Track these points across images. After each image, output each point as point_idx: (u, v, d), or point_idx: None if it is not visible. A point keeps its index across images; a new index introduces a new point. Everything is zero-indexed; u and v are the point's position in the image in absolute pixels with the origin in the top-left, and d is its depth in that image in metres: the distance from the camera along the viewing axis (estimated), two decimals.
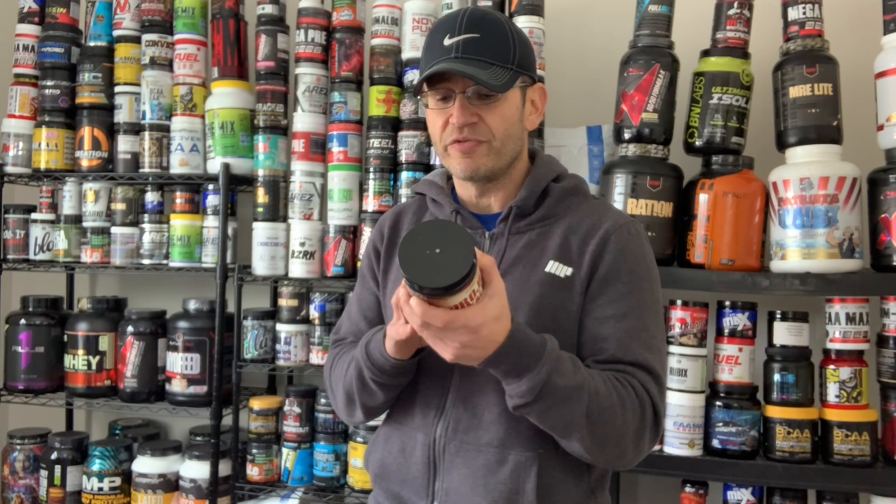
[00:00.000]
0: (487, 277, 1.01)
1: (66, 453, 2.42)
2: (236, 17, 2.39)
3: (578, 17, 2.42)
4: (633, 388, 1.14)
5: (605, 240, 1.21)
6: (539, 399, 1.06)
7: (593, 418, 1.08)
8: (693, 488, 1.99)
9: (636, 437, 1.14)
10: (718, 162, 2.00)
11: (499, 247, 1.25)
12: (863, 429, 1.87)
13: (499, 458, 1.17)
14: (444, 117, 1.20)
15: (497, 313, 1.00)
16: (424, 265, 0.94)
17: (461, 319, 0.97)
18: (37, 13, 2.56)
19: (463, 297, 0.96)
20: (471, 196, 1.30)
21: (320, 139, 2.29)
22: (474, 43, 1.17)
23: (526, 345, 1.05)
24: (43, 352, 2.45)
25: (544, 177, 1.28)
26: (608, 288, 1.19)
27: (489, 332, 1.00)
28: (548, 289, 1.20)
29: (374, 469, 1.30)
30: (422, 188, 1.37)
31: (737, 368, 1.96)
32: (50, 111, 2.50)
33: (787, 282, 1.89)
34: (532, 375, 1.05)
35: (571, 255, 1.21)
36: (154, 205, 2.45)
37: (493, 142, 1.20)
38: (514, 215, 1.25)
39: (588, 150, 2.29)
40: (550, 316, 1.18)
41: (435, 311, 0.97)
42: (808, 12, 1.96)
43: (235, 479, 2.29)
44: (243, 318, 2.31)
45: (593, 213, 1.26)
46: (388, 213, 1.42)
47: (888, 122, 1.89)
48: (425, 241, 0.95)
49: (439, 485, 1.20)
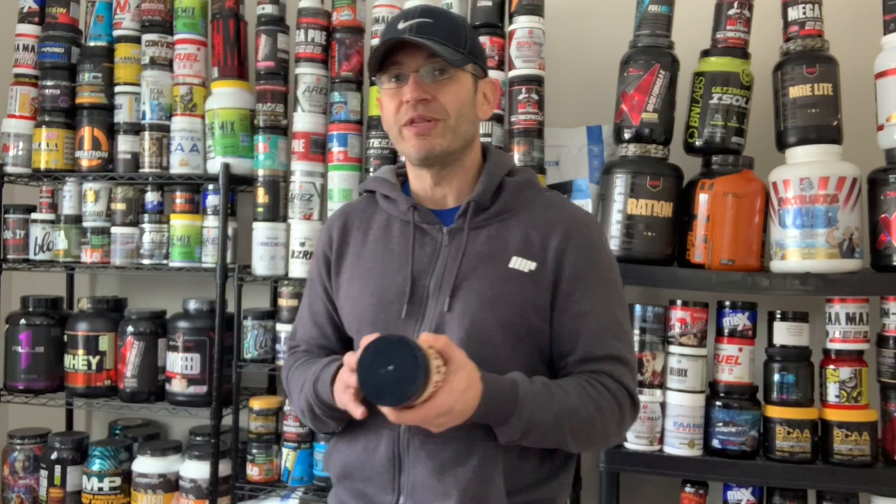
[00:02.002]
0: (447, 355, 1.06)
1: (66, 453, 2.42)
2: (236, 17, 2.39)
3: (578, 18, 2.42)
4: (607, 388, 1.20)
5: (567, 236, 1.24)
6: (525, 435, 1.14)
7: (577, 433, 1.17)
8: (693, 488, 1.99)
9: (618, 428, 1.23)
10: (718, 162, 2.00)
11: (459, 242, 1.25)
12: (863, 429, 1.87)
13: (465, 450, 1.18)
14: (397, 99, 1.22)
15: (464, 385, 1.06)
16: (381, 385, 1.01)
17: (433, 409, 1.04)
18: (37, 13, 2.56)
19: (428, 392, 1.02)
20: (425, 188, 1.30)
21: (320, 139, 2.29)
22: (427, 25, 1.20)
23: (500, 398, 1.11)
24: (43, 352, 2.45)
25: (498, 171, 1.29)
26: (579, 284, 1.23)
27: (462, 406, 1.06)
28: (514, 285, 1.21)
29: (336, 469, 1.30)
30: (372, 185, 1.37)
31: (737, 368, 1.96)
32: (50, 111, 2.50)
33: (787, 282, 1.89)
34: (514, 420, 1.12)
35: (534, 249, 1.23)
36: (154, 205, 2.45)
37: (447, 120, 1.21)
38: (472, 210, 1.25)
39: (588, 150, 2.29)
40: (518, 312, 1.21)
41: (408, 414, 1.04)
42: (808, 12, 1.96)
43: (235, 479, 2.29)
44: (243, 318, 2.31)
45: (550, 206, 1.29)
46: (334, 215, 1.40)
47: (888, 122, 1.89)
48: (376, 361, 1.01)
49: (405, 479, 1.21)
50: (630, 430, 1.98)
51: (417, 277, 1.24)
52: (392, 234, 1.30)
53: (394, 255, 1.27)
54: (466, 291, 1.21)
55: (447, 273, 1.23)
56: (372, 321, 1.25)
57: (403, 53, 1.20)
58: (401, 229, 1.29)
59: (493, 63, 2.18)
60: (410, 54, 1.20)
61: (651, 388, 1.98)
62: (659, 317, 2.00)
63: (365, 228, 1.33)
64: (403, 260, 1.26)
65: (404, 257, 1.26)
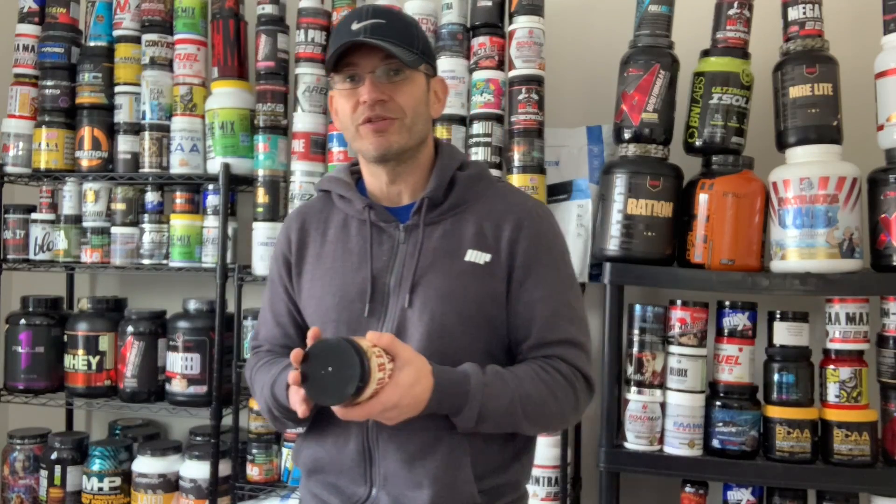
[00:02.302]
0: (393, 352, 1.09)
1: (66, 453, 2.42)
2: (236, 17, 2.39)
3: (578, 17, 2.42)
4: (560, 371, 1.24)
5: (518, 226, 1.27)
6: (480, 422, 1.17)
7: (531, 417, 1.20)
8: (693, 488, 1.99)
9: (573, 410, 1.26)
10: (718, 162, 2.00)
11: (415, 238, 1.27)
12: (863, 429, 1.87)
13: (433, 440, 1.22)
14: (353, 99, 1.24)
15: (412, 380, 1.09)
16: (323, 386, 1.05)
17: (378, 405, 1.07)
18: (37, 13, 2.56)
19: (372, 389, 1.06)
20: (381, 185, 1.32)
21: (320, 139, 2.29)
22: (381, 26, 1.22)
23: (452, 390, 1.14)
24: (43, 352, 2.45)
25: (450, 166, 1.31)
26: (531, 272, 1.26)
27: (411, 400, 1.10)
28: (471, 277, 1.25)
29: (307, 464, 1.32)
30: (326, 185, 1.39)
31: (737, 368, 1.96)
32: (50, 111, 2.50)
33: (787, 282, 1.89)
34: (467, 410, 1.15)
35: (488, 241, 1.27)
36: (154, 205, 2.45)
37: (404, 119, 1.24)
38: (426, 206, 1.28)
39: (588, 150, 2.30)
40: (475, 303, 1.24)
41: (353, 411, 1.07)
42: (808, 12, 1.96)
43: (235, 479, 2.29)
44: (243, 318, 2.31)
45: (502, 198, 1.32)
46: (291, 216, 1.42)
47: (888, 122, 1.89)
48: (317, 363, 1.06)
49: (376, 470, 1.24)
50: (630, 431, 1.98)
51: (378, 276, 1.27)
52: (350, 233, 1.32)
53: (353, 255, 1.30)
54: (425, 287, 1.24)
55: (406, 270, 1.26)
56: (336, 319, 1.28)
57: (359, 55, 1.22)
58: (358, 228, 1.32)
59: (492, 63, 2.18)
60: (366, 55, 1.22)
61: (651, 388, 1.98)
62: (659, 317, 2.00)
63: (323, 229, 1.36)
64: (363, 259, 1.29)
65: (363, 256, 1.29)
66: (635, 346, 2.00)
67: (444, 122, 2.19)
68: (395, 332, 1.23)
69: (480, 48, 2.19)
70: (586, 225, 2.13)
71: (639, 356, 1.99)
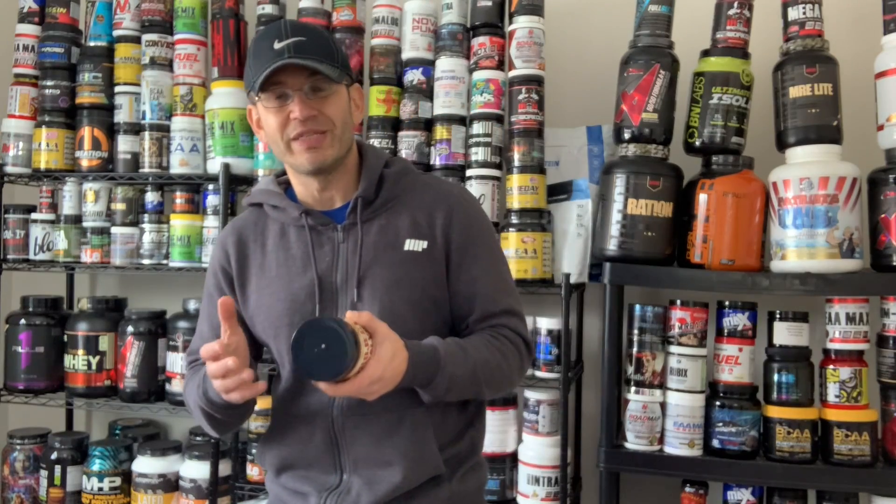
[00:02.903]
0: (370, 328, 1.14)
1: (66, 453, 2.42)
2: (236, 17, 2.39)
3: (578, 18, 2.42)
4: (507, 338, 1.33)
5: (450, 212, 1.35)
6: (448, 392, 1.25)
7: (489, 381, 1.29)
8: (693, 488, 1.99)
9: (519, 371, 1.37)
10: (718, 162, 2.00)
11: (354, 237, 1.33)
12: (863, 429, 1.87)
13: (397, 420, 1.29)
14: (281, 115, 1.27)
15: (391, 354, 1.14)
16: (316, 363, 1.09)
17: (366, 379, 1.12)
18: (37, 13, 2.56)
19: (359, 364, 1.11)
20: (312, 193, 1.36)
21: None
22: (303, 44, 1.25)
23: (424, 361, 1.21)
24: (43, 352, 2.45)
25: (377, 165, 1.37)
26: (466, 253, 1.35)
27: (391, 373, 1.15)
28: (411, 265, 1.32)
29: (274, 464, 1.36)
30: (258, 198, 1.41)
31: (737, 368, 1.96)
32: (50, 111, 2.50)
33: (787, 282, 1.89)
34: (438, 380, 1.22)
35: (423, 229, 1.34)
36: (154, 205, 2.45)
37: (334, 130, 1.29)
38: (361, 205, 1.33)
39: (588, 150, 2.30)
40: (420, 288, 1.31)
41: (343, 387, 1.12)
42: (808, 12, 1.96)
43: (235, 479, 2.29)
44: None
45: (429, 189, 1.40)
46: (224, 232, 1.44)
47: (888, 122, 1.89)
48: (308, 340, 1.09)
49: (345, 457, 1.30)
50: (630, 431, 1.98)
51: (323, 276, 1.32)
52: (290, 240, 1.36)
53: (296, 259, 1.34)
54: (371, 279, 1.30)
55: (350, 266, 1.32)
56: (289, 324, 1.31)
57: (285, 73, 1.25)
58: (297, 234, 1.36)
59: (492, 63, 2.18)
60: (292, 74, 1.25)
61: (651, 388, 1.98)
62: (659, 317, 2.01)
63: (262, 241, 1.39)
64: (306, 262, 1.33)
65: (306, 259, 1.34)
66: (635, 346, 2.01)
67: (444, 123, 2.19)
68: None
69: (480, 48, 2.19)
70: (586, 225, 2.13)
71: (639, 356, 1.99)
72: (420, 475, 1.28)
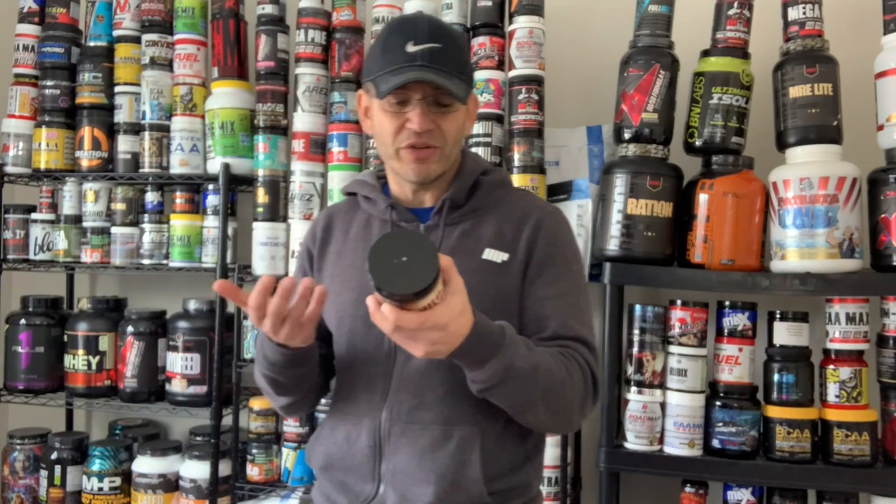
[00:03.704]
0: (447, 276, 1.06)
1: (66, 453, 2.42)
2: (236, 17, 2.39)
3: (578, 17, 2.42)
4: (577, 362, 1.23)
5: (537, 227, 1.31)
6: (502, 382, 1.13)
7: (548, 394, 1.17)
8: (693, 488, 1.99)
9: (581, 406, 1.24)
10: (718, 162, 2.00)
11: (434, 237, 1.31)
12: (863, 429, 1.87)
13: (444, 435, 1.23)
14: (398, 121, 1.25)
15: (461, 308, 1.06)
16: (394, 273, 0.99)
17: (431, 319, 1.02)
18: (37, 13, 2.56)
19: (431, 298, 1.02)
20: (405, 192, 1.36)
21: (320, 139, 2.29)
22: (438, 53, 1.21)
23: (488, 334, 1.11)
24: (43, 352, 2.45)
25: (473, 171, 1.35)
26: (545, 271, 1.29)
27: (456, 327, 1.05)
28: (486, 275, 1.27)
29: (318, 461, 1.34)
30: (353, 188, 1.42)
31: (737, 368, 1.96)
32: (50, 111, 2.50)
33: (787, 282, 1.89)
34: (495, 362, 1.11)
35: (506, 241, 1.30)
36: (154, 205, 2.45)
37: (444, 148, 1.27)
38: (447, 207, 1.32)
39: (588, 150, 2.30)
40: (490, 299, 1.24)
41: (407, 315, 1.02)
42: (808, 12, 1.96)
43: (235, 479, 2.29)
44: (243, 318, 2.31)
45: (521, 201, 1.37)
46: (320, 215, 1.47)
47: (888, 122, 1.89)
48: (391, 251, 1.00)
49: (385, 467, 1.24)
50: (630, 431, 1.98)
51: None
52: (372, 232, 1.35)
53: None
54: None
55: None
56: (352, 314, 1.30)
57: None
58: (380, 228, 1.35)
59: (492, 63, 2.18)
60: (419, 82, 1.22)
61: (651, 388, 1.98)
62: (659, 317, 2.00)
63: (346, 227, 1.39)
64: None
65: None
66: (635, 346, 2.01)
67: None
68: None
69: (480, 48, 2.19)
70: (586, 225, 2.14)
71: (639, 356, 1.99)
72: (455, 500, 1.21)
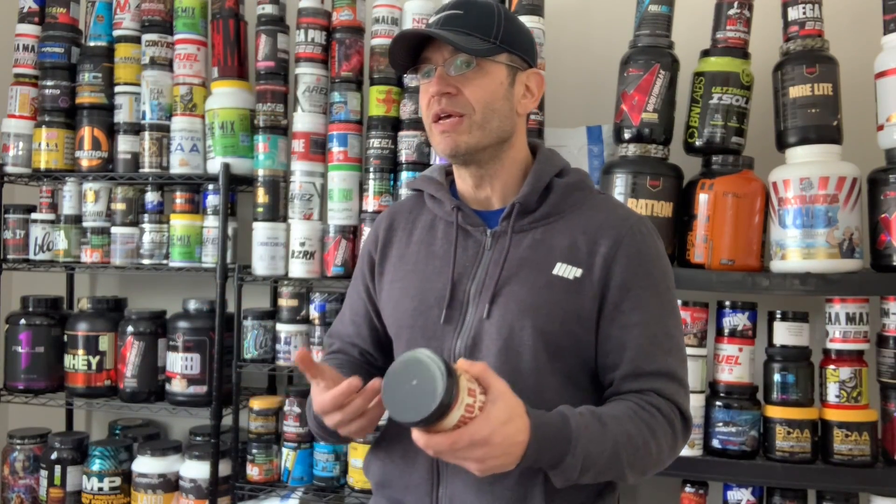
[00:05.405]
0: (485, 383, 0.97)
1: (66, 453, 2.42)
2: (236, 17, 2.39)
3: (578, 17, 2.42)
4: (659, 409, 1.13)
5: (617, 242, 1.18)
6: (583, 473, 1.05)
7: (634, 462, 1.09)
8: (693, 488, 1.99)
9: (671, 452, 1.15)
10: (718, 162, 2.00)
11: (502, 246, 1.20)
12: (863, 429, 1.87)
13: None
14: (427, 94, 1.19)
15: (505, 417, 0.96)
16: (404, 401, 0.93)
17: (465, 437, 0.94)
18: (37, 13, 2.56)
19: (458, 415, 0.94)
20: (468, 188, 1.26)
21: (320, 139, 2.29)
22: (455, 17, 1.16)
23: (552, 435, 1.01)
24: (43, 352, 2.45)
25: (547, 171, 1.23)
26: (629, 294, 1.16)
27: (503, 439, 0.96)
28: (556, 293, 1.16)
29: (375, 477, 1.28)
30: (419, 184, 1.33)
31: (737, 368, 1.96)
32: (50, 111, 2.50)
33: (787, 282, 1.89)
34: (569, 460, 1.02)
35: (580, 255, 1.18)
36: (154, 205, 2.45)
37: (472, 115, 1.16)
38: (516, 212, 1.21)
39: (588, 150, 2.29)
40: (559, 321, 1.15)
41: (436, 438, 0.94)
42: (808, 12, 1.95)
43: (235, 479, 2.29)
44: (243, 318, 2.31)
45: (601, 210, 1.23)
46: (384, 213, 1.37)
47: (888, 122, 1.89)
48: (403, 375, 0.94)
49: (443, 491, 1.17)
50: None
51: (458, 281, 1.20)
52: (436, 235, 1.27)
53: (436, 258, 1.24)
54: (506, 298, 1.16)
55: (488, 278, 1.18)
56: (410, 325, 1.23)
57: (432, 48, 1.17)
58: (444, 231, 1.26)
59: None
60: (437, 48, 1.17)
61: None
62: None
63: (410, 229, 1.31)
64: (445, 263, 1.22)
65: (446, 260, 1.22)
66: None
67: None
68: (471, 344, 1.17)
69: None
70: None
71: None
72: None
